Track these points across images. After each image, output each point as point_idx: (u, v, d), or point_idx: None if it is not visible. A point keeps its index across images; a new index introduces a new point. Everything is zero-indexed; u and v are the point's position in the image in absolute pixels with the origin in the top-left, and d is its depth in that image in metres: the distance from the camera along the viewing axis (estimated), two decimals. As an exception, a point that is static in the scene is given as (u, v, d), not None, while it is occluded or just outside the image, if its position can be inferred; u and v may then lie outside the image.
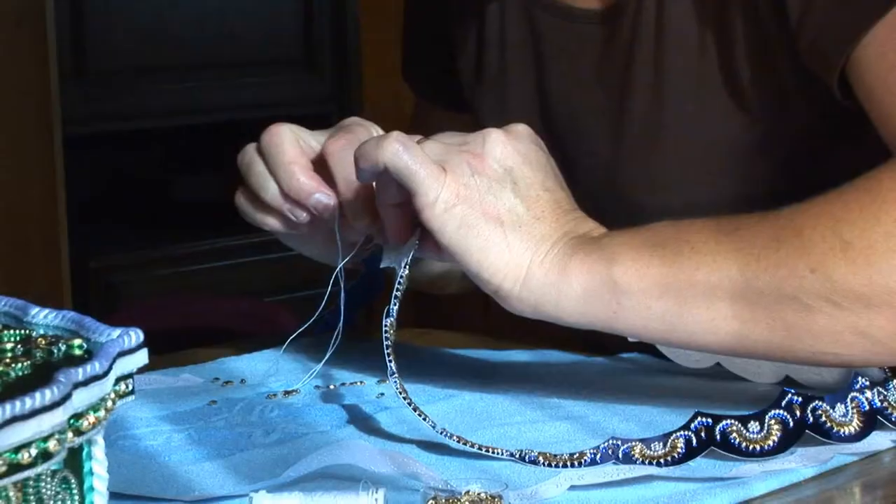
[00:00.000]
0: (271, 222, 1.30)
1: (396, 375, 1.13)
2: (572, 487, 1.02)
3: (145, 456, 1.12)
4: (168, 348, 1.29)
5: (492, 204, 1.13)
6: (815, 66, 1.22)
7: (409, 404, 1.11)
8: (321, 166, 1.29)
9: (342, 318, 1.28)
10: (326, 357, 1.30)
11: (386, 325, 1.15)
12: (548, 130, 1.44)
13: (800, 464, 1.04)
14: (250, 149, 1.32)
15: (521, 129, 1.19)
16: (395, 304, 1.17)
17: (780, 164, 1.24)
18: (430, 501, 0.96)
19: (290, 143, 1.29)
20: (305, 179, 1.26)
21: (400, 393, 1.12)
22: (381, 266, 1.27)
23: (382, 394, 1.25)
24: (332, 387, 1.28)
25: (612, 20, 1.38)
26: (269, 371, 1.34)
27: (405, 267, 1.19)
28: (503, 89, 1.49)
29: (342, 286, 1.31)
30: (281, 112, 4.71)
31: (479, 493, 0.97)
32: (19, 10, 3.44)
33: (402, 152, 1.12)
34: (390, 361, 1.14)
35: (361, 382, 1.30)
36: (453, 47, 1.56)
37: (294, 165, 1.27)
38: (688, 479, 1.04)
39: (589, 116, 1.41)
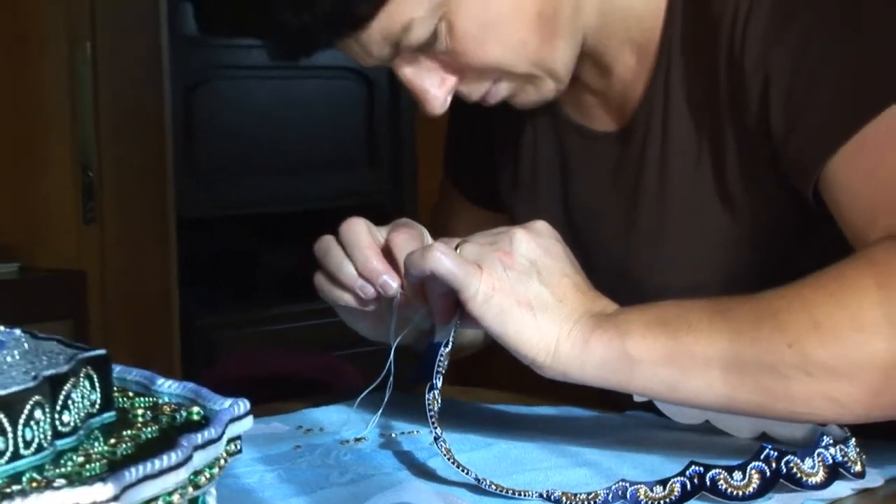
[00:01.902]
0: (346, 298, 1.30)
1: (442, 439, 1.13)
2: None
3: (244, 492, 1.12)
4: (256, 394, 1.28)
5: (522, 292, 1.13)
6: (793, 178, 1.21)
7: (452, 462, 1.10)
8: (386, 255, 1.29)
9: (391, 379, 1.29)
10: (380, 410, 1.30)
11: (429, 399, 1.15)
12: (571, 229, 1.43)
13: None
14: (327, 238, 1.32)
15: (541, 225, 1.19)
16: (437, 378, 1.17)
17: (763, 254, 1.23)
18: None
19: (366, 233, 1.28)
20: (377, 263, 1.26)
21: (445, 455, 1.11)
22: (435, 341, 1.27)
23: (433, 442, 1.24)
24: (392, 435, 1.27)
25: (625, 139, 1.38)
26: (343, 421, 1.34)
27: (447, 345, 1.19)
28: (535, 194, 1.48)
29: (392, 350, 1.31)
30: (349, 202, 4.76)
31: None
32: (142, 120, 3.45)
33: (443, 259, 1.12)
34: (435, 428, 1.14)
35: (417, 432, 1.29)
36: (492, 157, 1.55)
37: (369, 250, 1.26)
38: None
39: (605, 217, 1.41)
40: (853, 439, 1.12)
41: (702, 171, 1.31)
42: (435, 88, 1.27)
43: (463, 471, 1.11)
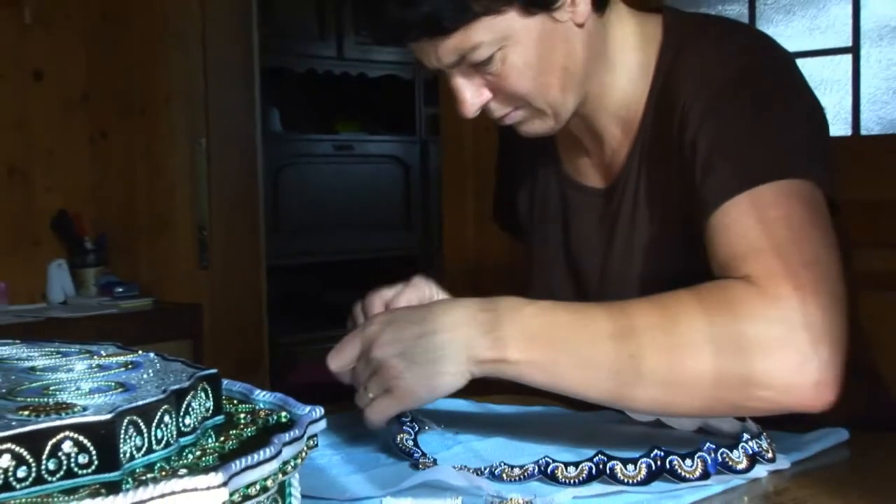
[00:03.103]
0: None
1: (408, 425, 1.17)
2: (575, 497, 0.99)
3: (317, 470, 1.10)
4: (320, 394, 1.25)
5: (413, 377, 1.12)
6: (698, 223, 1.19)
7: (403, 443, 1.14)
8: None
9: None
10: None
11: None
12: (567, 256, 1.42)
13: (715, 482, 1.02)
14: (355, 310, 1.31)
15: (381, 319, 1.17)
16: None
17: (687, 269, 1.19)
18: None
19: (378, 307, 1.27)
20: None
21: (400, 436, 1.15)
22: None
23: (456, 434, 1.21)
24: (427, 428, 1.23)
25: (609, 195, 1.36)
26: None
27: None
28: (545, 232, 1.46)
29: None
30: (389, 254, 4.83)
31: (519, 499, 0.94)
32: (242, 194, 3.45)
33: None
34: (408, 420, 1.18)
35: (443, 426, 1.26)
36: (517, 203, 1.53)
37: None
38: (646, 492, 1.01)
39: (591, 250, 1.39)
40: (764, 433, 1.10)
41: (662, 218, 1.29)
42: (473, 98, 1.24)
43: (407, 452, 1.12)
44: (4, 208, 3.37)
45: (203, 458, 0.63)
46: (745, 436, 1.08)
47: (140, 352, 0.78)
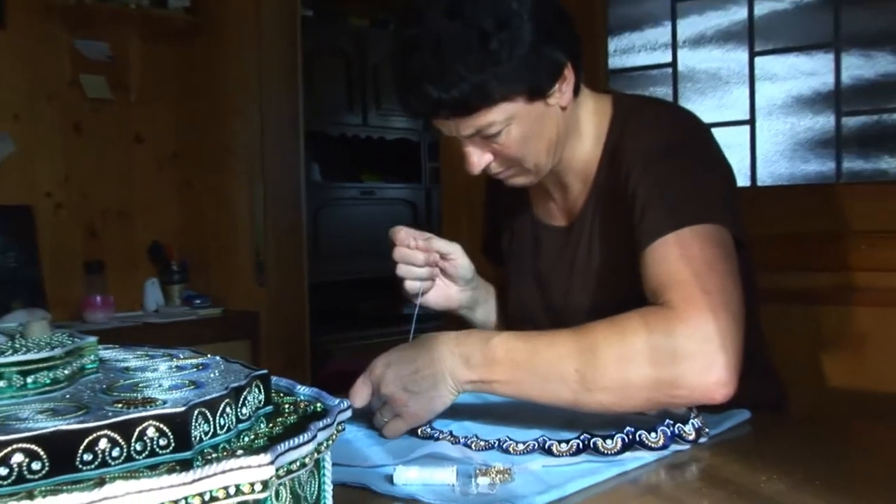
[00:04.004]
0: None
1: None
2: (544, 466, 0.98)
3: (345, 443, 1.09)
4: (349, 381, 1.23)
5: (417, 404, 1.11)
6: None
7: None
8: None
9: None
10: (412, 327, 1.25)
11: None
12: (538, 282, 1.41)
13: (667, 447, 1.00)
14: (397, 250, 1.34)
15: (383, 361, 1.15)
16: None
17: (631, 293, 1.18)
18: (477, 471, 0.92)
19: (412, 241, 1.33)
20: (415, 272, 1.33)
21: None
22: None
23: (451, 431, 1.14)
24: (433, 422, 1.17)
25: (569, 232, 1.35)
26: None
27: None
28: (521, 262, 1.45)
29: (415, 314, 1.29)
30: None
31: (500, 466, 0.93)
32: (289, 227, 3.44)
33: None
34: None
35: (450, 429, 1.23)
36: (500, 238, 1.52)
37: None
38: (598, 461, 0.99)
39: (556, 276, 1.37)
40: (692, 416, 1.09)
41: (611, 249, 1.28)
42: (480, 161, 1.24)
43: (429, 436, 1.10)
44: (114, 240, 3.36)
45: (256, 441, 0.62)
46: (692, 413, 1.09)
47: (209, 355, 0.77)
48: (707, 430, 1.09)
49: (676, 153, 1.22)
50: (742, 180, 2.21)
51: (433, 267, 1.34)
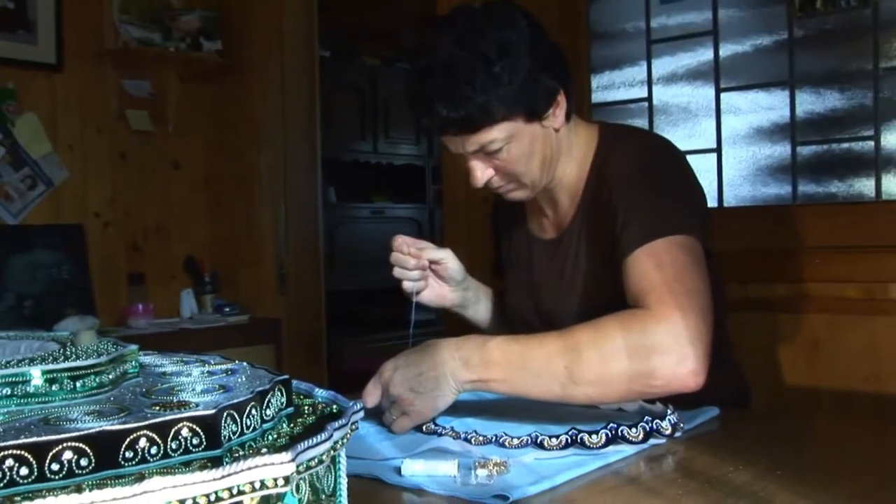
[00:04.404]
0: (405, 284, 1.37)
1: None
2: (536, 459, 0.97)
3: (359, 438, 1.08)
4: (362, 378, 1.22)
5: (421, 403, 1.10)
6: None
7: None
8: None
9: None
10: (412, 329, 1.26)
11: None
12: (531, 289, 1.40)
13: (646, 442, 0.99)
14: (395, 255, 1.36)
15: (391, 365, 1.13)
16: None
17: (614, 299, 1.17)
18: (476, 464, 0.91)
19: (406, 250, 1.35)
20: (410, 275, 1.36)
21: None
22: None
23: (453, 427, 1.12)
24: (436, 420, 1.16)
25: (559, 244, 1.35)
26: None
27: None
28: (517, 271, 1.45)
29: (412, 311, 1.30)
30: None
31: (497, 459, 0.92)
32: (308, 243, 3.44)
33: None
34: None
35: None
36: (501, 252, 1.52)
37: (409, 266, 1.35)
38: (584, 454, 0.98)
39: (547, 284, 1.37)
40: (668, 412, 1.08)
41: (594, 260, 1.27)
42: (483, 175, 1.25)
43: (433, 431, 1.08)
44: (154, 254, 3.36)
45: (278, 440, 0.61)
46: (669, 410, 1.08)
47: (236, 361, 0.76)
48: (682, 425, 1.08)
49: (652, 174, 1.23)
50: (710, 201, 2.19)
51: (423, 270, 1.34)
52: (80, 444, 0.50)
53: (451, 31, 1.18)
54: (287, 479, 0.51)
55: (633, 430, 1.02)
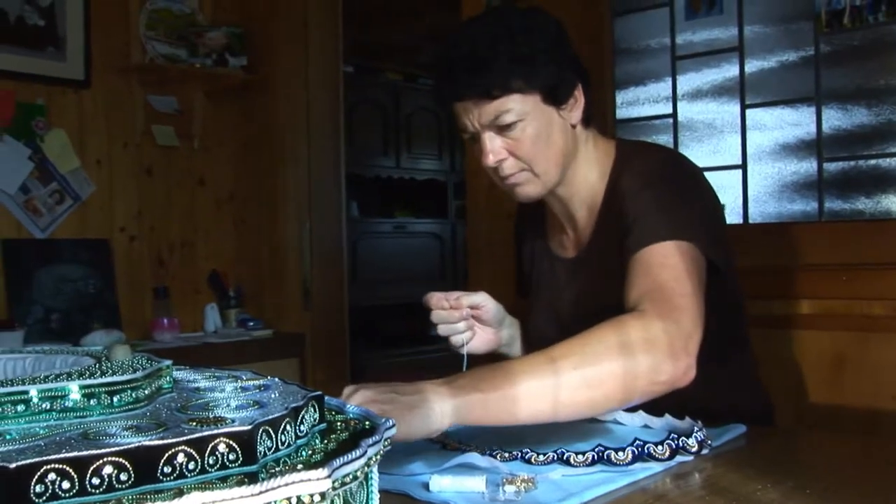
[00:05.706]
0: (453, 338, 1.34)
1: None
2: (563, 475, 0.97)
3: (388, 453, 1.08)
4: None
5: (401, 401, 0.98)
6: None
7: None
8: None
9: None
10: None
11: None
12: (552, 310, 1.41)
13: (660, 466, 0.99)
14: (435, 313, 1.32)
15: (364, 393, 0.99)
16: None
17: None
18: (504, 480, 0.91)
19: (446, 305, 1.32)
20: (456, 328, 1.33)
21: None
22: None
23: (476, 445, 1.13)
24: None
25: (577, 262, 1.36)
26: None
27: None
28: (538, 289, 1.45)
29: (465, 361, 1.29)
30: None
31: (524, 475, 0.92)
32: (332, 259, 3.45)
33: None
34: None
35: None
36: (524, 273, 1.52)
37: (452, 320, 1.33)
38: (611, 471, 0.98)
39: (566, 304, 1.38)
40: (695, 429, 1.08)
41: (611, 279, 1.27)
42: (493, 155, 1.25)
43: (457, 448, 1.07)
44: (179, 269, 3.39)
45: (313, 456, 0.62)
46: (696, 427, 1.08)
47: (268, 377, 0.77)
48: (709, 442, 1.08)
49: (662, 183, 1.25)
50: (735, 218, 2.20)
51: (467, 320, 1.33)
52: (120, 459, 0.51)
53: (484, 17, 1.26)
54: (323, 495, 0.52)
55: (660, 447, 1.01)
